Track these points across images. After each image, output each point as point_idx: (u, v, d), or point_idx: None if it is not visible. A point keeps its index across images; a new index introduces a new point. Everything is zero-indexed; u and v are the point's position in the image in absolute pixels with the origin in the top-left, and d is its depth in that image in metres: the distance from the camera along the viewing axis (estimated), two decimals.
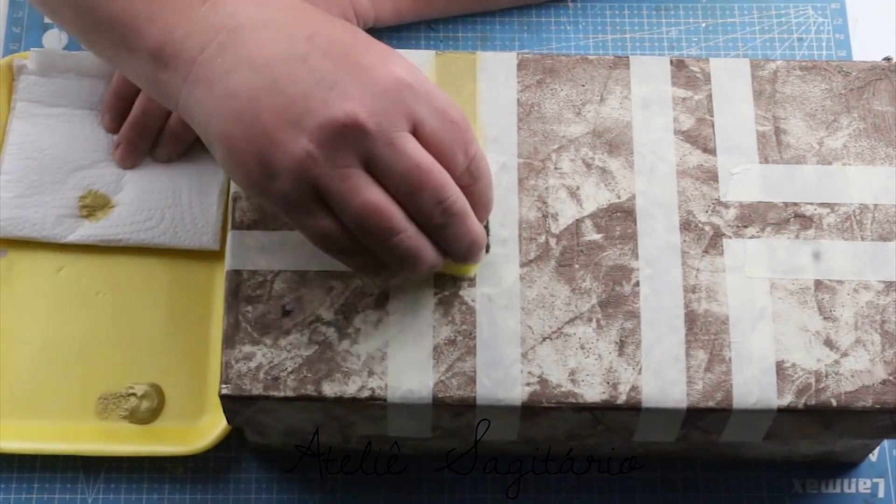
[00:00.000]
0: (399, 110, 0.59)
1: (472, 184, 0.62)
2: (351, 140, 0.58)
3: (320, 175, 0.58)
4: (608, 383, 0.65)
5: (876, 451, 0.79)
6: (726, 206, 0.69)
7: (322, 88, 0.59)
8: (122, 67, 0.65)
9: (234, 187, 0.69)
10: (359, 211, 0.59)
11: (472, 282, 0.67)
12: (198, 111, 0.61)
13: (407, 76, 0.60)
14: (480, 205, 0.63)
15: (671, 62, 0.72)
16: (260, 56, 0.60)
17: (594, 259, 0.67)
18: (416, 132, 0.60)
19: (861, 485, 0.78)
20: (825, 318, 0.67)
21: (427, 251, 0.61)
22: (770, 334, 0.66)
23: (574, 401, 0.65)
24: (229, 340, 0.66)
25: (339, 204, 0.59)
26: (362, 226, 0.59)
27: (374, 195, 0.59)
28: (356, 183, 0.59)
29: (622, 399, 0.65)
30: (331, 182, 0.58)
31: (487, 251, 0.66)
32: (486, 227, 0.66)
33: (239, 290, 0.67)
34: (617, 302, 0.67)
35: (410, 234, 0.60)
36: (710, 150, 0.70)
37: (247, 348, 0.65)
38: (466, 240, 0.62)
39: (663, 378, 0.65)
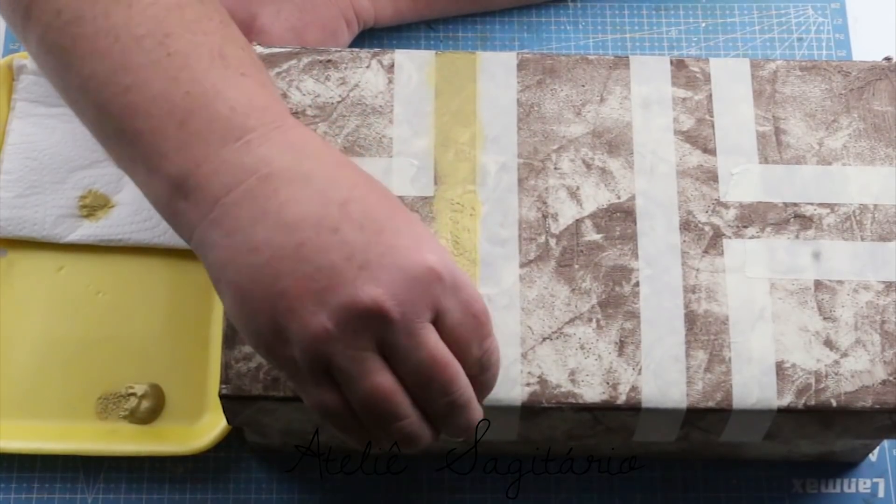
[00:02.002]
0: (425, 300, 0.57)
1: (481, 374, 0.60)
2: (372, 325, 0.56)
3: (334, 353, 0.57)
4: (608, 383, 0.65)
5: (876, 451, 0.79)
6: (726, 206, 0.69)
7: (351, 267, 0.56)
8: (137, 182, 0.62)
9: None
10: (367, 394, 0.57)
11: None
12: (213, 253, 0.59)
13: (438, 265, 0.58)
14: (484, 392, 0.61)
15: (671, 62, 0.72)
16: (289, 214, 0.57)
17: (594, 259, 0.67)
18: (438, 322, 0.58)
19: (861, 485, 0.78)
20: (825, 319, 0.67)
21: (426, 435, 0.60)
22: (770, 334, 0.66)
23: (574, 401, 0.65)
24: (229, 341, 0.66)
25: (348, 383, 0.57)
26: (367, 408, 0.58)
27: (384, 381, 0.57)
28: (369, 367, 0.57)
29: (622, 399, 0.65)
30: (343, 361, 0.57)
31: None
32: None
33: None
34: (617, 302, 0.67)
35: (413, 421, 0.59)
36: (710, 151, 0.70)
37: (247, 348, 0.65)
38: (463, 427, 0.60)
39: (663, 378, 0.65)
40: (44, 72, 0.65)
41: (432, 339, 0.58)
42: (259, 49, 0.71)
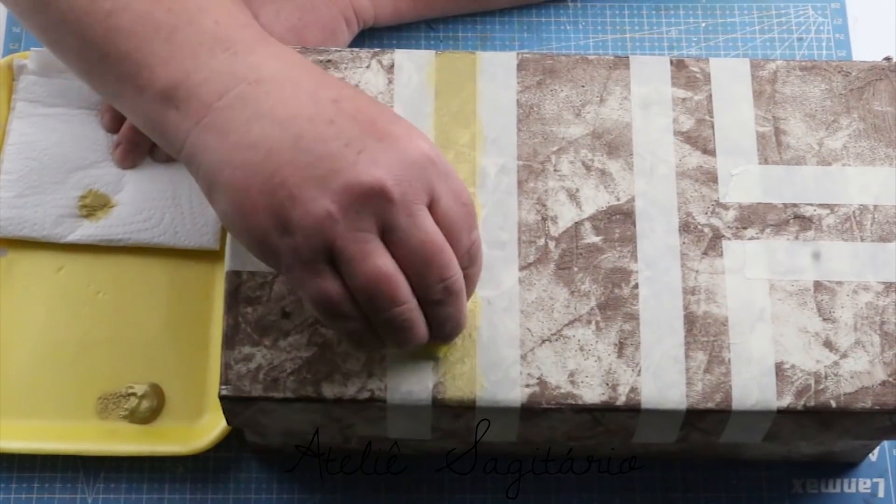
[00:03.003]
0: (422, 183, 0.59)
1: (469, 266, 0.62)
2: (374, 206, 0.58)
3: (337, 236, 0.58)
4: (607, 385, 0.65)
5: (876, 451, 0.79)
6: (726, 207, 0.69)
7: (351, 152, 0.58)
8: (123, 104, 0.64)
9: None
10: (369, 276, 0.58)
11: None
12: (207, 157, 0.60)
13: (430, 151, 0.60)
14: (471, 287, 0.63)
15: (671, 62, 0.72)
16: (283, 112, 0.59)
17: (593, 262, 0.67)
18: (432, 207, 0.60)
19: (861, 485, 0.78)
20: (825, 320, 0.67)
21: (420, 327, 0.61)
22: (769, 336, 0.66)
23: (573, 402, 0.65)
24: (229, 341, 0.66)
25: (349, 267, 0.58)
26: (369, 292, 0.59)
27: (386, 263, 0.58)
28: (371, 248, 0.58)
29: (621, 400, 0.65)
30: (347, 244, 0.58)
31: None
32: None
33: (239, 291, 0.67)
34: (616, 304, 0.67)
35: (412, 308, 0.60)
36: (709, 151, 0.70)
37: (246, 349, 0.65)
38: (454, 320, 0.62)
39: (662, 379, 0.65)
40: (20, 17, 0.67)
41: (430, 222, 0.59)
42: None
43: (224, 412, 0.67)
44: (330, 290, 0.59)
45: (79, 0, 0.63)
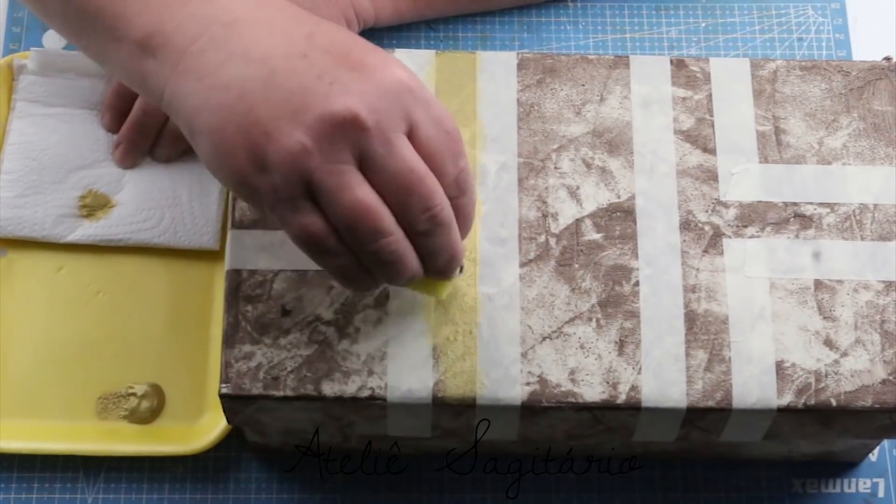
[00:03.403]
0: (398, 111, 0.58)
1: (458, 196, 0.61)
2: (348, 136, 0.57)
3: (314, 169, 0.57)
4: (608, 383, 0.65)
5: (876, 451, 0.79)
6: (726, 205, 0.69)
7: (322, 83, 0.58)
8: (107, 60, 0.64)
9: None
10: (349, 208, 0.58)
11: (470, 282, 0.67)
12: (185, 103, 0.60)
13: (408, 79, 0.59)
14: (463, 219, 0.62)
15: (671, 62, 0.72)
16: (256, 51, 0.59)
17: (594, 259, 0.67)
18: (412, 136, 0.59)
19: (861, 484, 0.78)
20: (825, 318, 0.67)
21: (410, 259, 0.60)
22: (770, 334, 0.66)
23: (574, 400, 0.65)
24: (229, 340, 0.66)
25: (329, 200, 0.58)
26: (351, 224, 0.58)
27: (365, 194, 0.58)
28: (349, 180, 0.58)
29: (622, 399, 0.65)
30: (323, 177, 0.57)
31: (461, 272, 0.64)
32: None
33: (239, 289, 0.67)
34: (616, 302, 0.67)
35: (398, 239, 0.59)
36: (709, 150, 0.70)
37: (247, 348, 0.65)
38: (447, 252, 0.61)
39: (663, 378, 0.65)
40: None
41: (408, 149, 0.59)
42: None
43: (224, 411, 0.67)
44: (312, 225, 0.59)
45: None
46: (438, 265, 0.62)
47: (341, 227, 0.59)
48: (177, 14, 0.61)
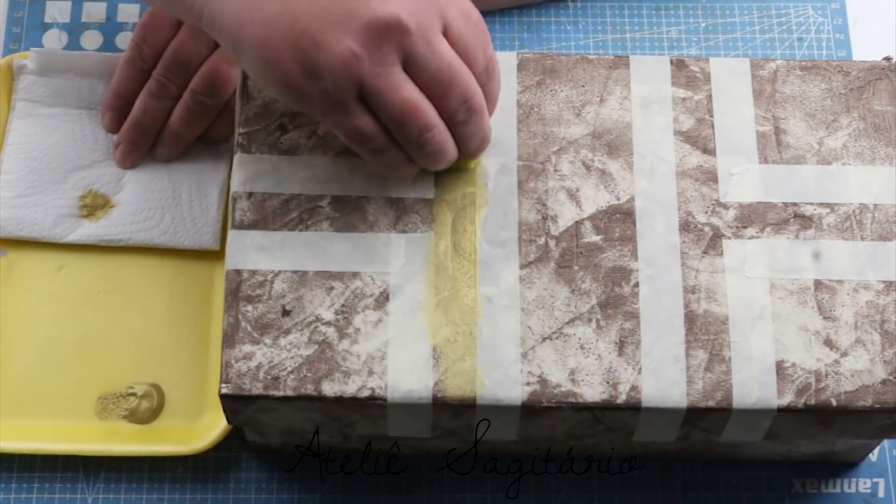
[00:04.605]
0: (434, 11, 0.62)
1: (488, 83, 0.66)
2: (393, 39, 0.61)
3: (364, 73, 0.61)
4: (608, 383, 0.65)
5: (876, 451, 0.79)
6: (726, 206, 0.69)
7: None
8: None
9: (232, 187, 0.69)
10: (399, 107, 0.62)
11: (470, 284, 0.67)
12: (226, 20, 0.63)
13: None
14: (491, 103, 0.67)
15: (671, 62, 0.72)
16: None
17: (593, 260, 0.67)
18: (446, 33, 0.63)
19: (861, 485, 0.78)
20: (825, 318, 0.67)
21: (451, 146, 0.65)
22: (770, 334, 0.66)
23: (574, 400, 0.65)
24: (229, 340, 0.66)
25: (379, 101, 0.62)
26: (401, 122, 0.63)
27: (412, 92, 0.62)
28: (397, 80, 0.62)
29: (622, 399, 0.65)
30: (374, 80, 0.61)
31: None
32: None
33: (239, 289, 0.67)
34: (616, 302, 0.67)
35: (441, 130, 0.64)
36: (709, 151, 0.70)
37: (247, 348, 0.65)
38: (480, 136, 0.66)
39: (663, 378, 0.65)
40: None
41: (446, 47, 0.63)
42: None
43: (224, 411, 0.67)
44: (364, 126, 0.63)
45: None
46: (472, 148, 0.67)
47: (391, 124, 0.63)
48: None
